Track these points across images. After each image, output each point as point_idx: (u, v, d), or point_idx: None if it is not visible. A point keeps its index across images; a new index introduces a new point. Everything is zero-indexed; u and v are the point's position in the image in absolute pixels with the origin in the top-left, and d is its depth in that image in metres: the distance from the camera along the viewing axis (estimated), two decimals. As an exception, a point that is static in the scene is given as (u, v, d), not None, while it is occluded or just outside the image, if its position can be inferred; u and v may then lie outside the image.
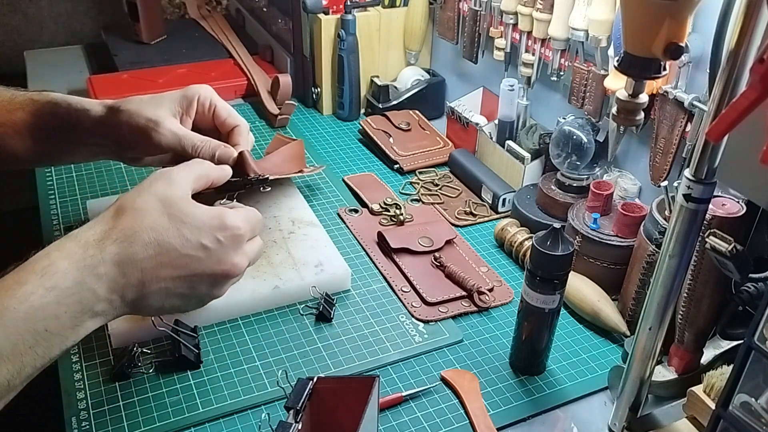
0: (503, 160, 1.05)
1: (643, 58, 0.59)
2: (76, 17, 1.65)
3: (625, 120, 0.65)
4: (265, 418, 0.67)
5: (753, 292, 0.63)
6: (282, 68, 1.33)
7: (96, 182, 1.04)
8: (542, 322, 0.72)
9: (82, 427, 0.66)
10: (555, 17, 0.94)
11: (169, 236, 0.61)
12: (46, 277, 0.55)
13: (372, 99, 1.28)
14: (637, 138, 0.93)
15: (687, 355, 0.72)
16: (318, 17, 1.22)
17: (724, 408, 0.54)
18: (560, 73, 0.99)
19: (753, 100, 0.44)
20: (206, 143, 0.77)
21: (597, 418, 0.71)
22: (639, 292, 0.78)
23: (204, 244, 0.62)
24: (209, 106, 0.82)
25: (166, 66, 1.35)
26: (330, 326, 0.80)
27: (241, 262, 0.66)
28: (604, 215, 0.86)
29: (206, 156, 0.77)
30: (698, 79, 0.80)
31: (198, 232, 0.62)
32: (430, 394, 0.72)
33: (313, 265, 0.85)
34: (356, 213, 1.01)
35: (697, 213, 0.56)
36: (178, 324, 0.74)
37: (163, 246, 0.60)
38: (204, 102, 0.82)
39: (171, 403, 0.69)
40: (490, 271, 0.90)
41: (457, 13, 1.18)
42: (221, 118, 0.82)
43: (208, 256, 0.63)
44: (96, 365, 0.73)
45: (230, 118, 0.83)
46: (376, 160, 1.16)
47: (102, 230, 0.59)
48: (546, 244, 0.68)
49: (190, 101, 0.81)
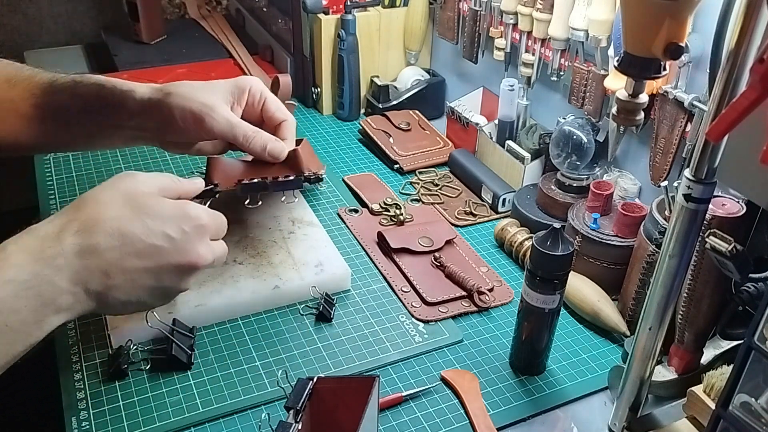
0: (503, 160, 1.05)
1: (643, 58, 0.59)
2: (76, 17, 1.66)
3: (625, 120, 0.64)
4: (265, 418, 0.67)
5: (753, 292, 0.63)
6: (282, 68, 1.33)
7: (96, 182, 1.02)
8: (542, 322, 0.72)
9: (82, 427, 0.66)
10: (555, 17, 0.94)
11: (132, 226, 0.60)
12: (1, 271, 0.54)
13: (372, 99, 1.28)
14: (637, 138, 0.93)
15: (687, 355, 0.72)
16: (318, 17, 1.22)
17: (724, 408, 0.54)
18: (560, 73, 0.99)
19: (753, 100, 0.44)
20: (258, 134, 0.78)
21: (597, 418, 0.71)
22: (639, 292, 0.78)
23: (168, 233, 0.61)
24: (260, 98, 0.82)
25: (166, 66, 1.35)
26: (330, 326, 0.80)
27: (206, 253, 0.64)
28: (604, 215, 0.86)
29: (257, 147, 0.77)
30: (698, 79, 0.80)
31: (161, 222, 0.61)
32: (430, 394, 0.72)
33: (313, 265, 0.85)
34: (356, 213, 1.01)
35: (697, 213, 0.56)
36: (176, 324, 0.74)
37: (126, 236, 0.59)
38: (255, 94, 0.82)
39: (171, 403, 0.69)
40: (490, 271, 0.90)
41: (457, 13, 1.18)
42: (270, 111, 0.83)
43: (173, 246, 0.62)
44: (96, 365, 0.73)
45: (279, 112, 0.83)
46: (376, 160, 1.16)
47: (61, 222, 0.58)
48: (546, 244, 0.68)
49: (242, 91, 0.81)
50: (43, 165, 1.07)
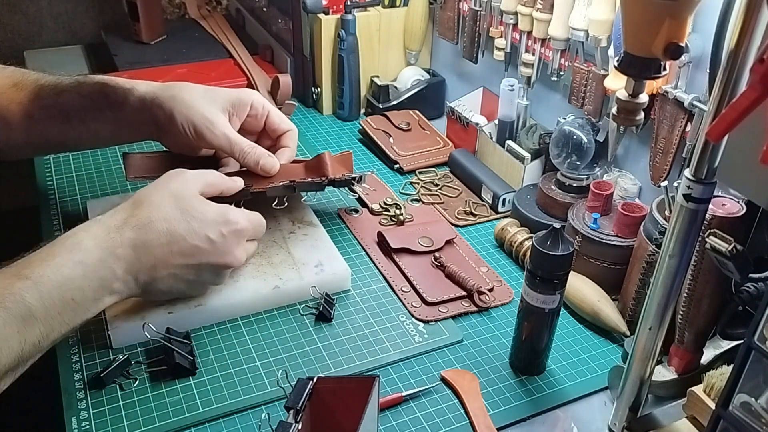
0: (503, 160, 1.05)
1: (643, 58, 0.59)
2: (76, 17, 1.65)
3: (625, 120, 0.64)
4: (265, 418, 0.67)
5: (753, 292, 0.63)
6: (282, 68, 1.33)
7: (96, 182, 1.04)
8: (542, 322, 0.72)
9: (82, 427, 0.66)
10: (555, 17, 0.94)
11: (180, 228, 0.68)
12: (74, 252, 0.62)
13: (372, 99, 1.28)
14: (637, 138, 0.93)
15: (687, 355, 0.72)
16: (318, 17, 1.22)
17: (724, 408, 0.54)
18: (560, 73, 0.99)
19: (753, 100, 0.44)
20: (253, 150, 0.83)
21: (597, 418, 0.71)
22: (639, 292, 0.78)
23: (209, 236, 0.70)
24: (262, 111, 0.88)
25: (166, 66, 1.35)
26: (330, 326, 0.80)
27: (241, 255, 0.74)
28: (604, 215, 0.86)
29: (251, 161, 0.82)
30: (698, 79, 0.80)
31: (205, 225, 0.70)
32: (430, 394, 0.72)
33: (313, 265, 0.85)
34: (356, 213, 1.01)
35: (697, 213, 0.56)
36: (170, 332, 0.73)
37: (174, 236, 0.68)
38: (257, 107, 0.87)
39: (171, 403, 0.69)
40: (490, 271, 0.90)
41: (457, 13, 1.18)
42: (275, 124, 0.89)
43: (212, 247, 0.70)
44: (96, 365, 0.72)
45: (283, 124, 0.90)
46: (376, 160, 1.16)
47: (122, 218, 0.67)
48: (546, 244, 0.68)
49: (244, 105, 0.86)
50: (43, 165, 1.07)
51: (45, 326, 0.59)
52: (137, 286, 0.68)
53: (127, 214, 0.67)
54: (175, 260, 0.69)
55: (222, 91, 0.85)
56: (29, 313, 0.58)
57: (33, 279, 0.59)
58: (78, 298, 0.62)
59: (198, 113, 0.80)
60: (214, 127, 0.81)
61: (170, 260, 0.68)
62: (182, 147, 0.85)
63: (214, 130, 0.81)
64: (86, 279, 0.62)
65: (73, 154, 1.10)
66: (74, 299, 0.61)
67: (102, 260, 0.64)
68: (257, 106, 0.87)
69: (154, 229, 0.67)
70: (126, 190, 1.00)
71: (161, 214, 0.68)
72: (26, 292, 0.58)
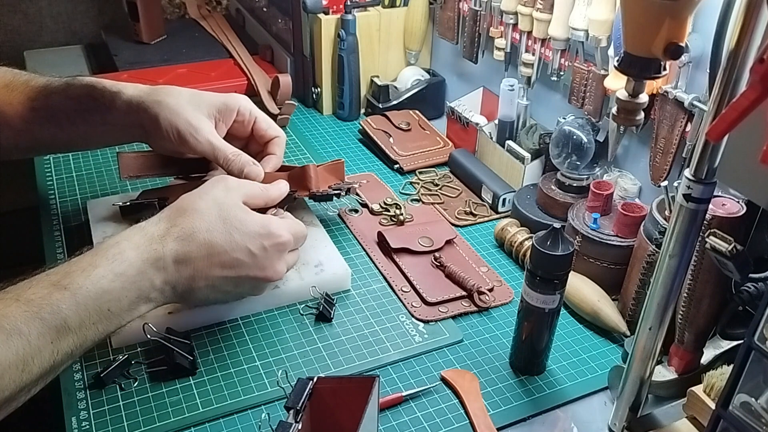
0: (503, 160, 1.05)
1: (643, 58, 0.59)
2: (76, 17, 1.65)
3: (625, 120, 0.64)
4: (265, 418, 0.67)
5: (753, 292, 0.63)
6: (282, 68, 1.33)
7: (96, 182, 1.04)
8: (542, 322, 0.72)
9: (82, 427, 0.66)
10: (555, 17, 0.94)
11: (221, 239, 0.67)
12: (116, 263, 0.62)
13: (372, 99, 1.28)
14: (637, 138, 0.93)
15: (687, 355, 0.72)
16: (318, 17, 1.22)
17: (724, 408, 0.54)
18: (560, 73, 0.99)
19: (753, 100, 0.44)
20: (237, 157, 0.81)
21: (597, 418, 0.71)
22: (639, 292, 0.78)
23: (251, 249, 0.69)
24: (249, 117, 0.86)
25: (166, 66, 1.35)
26: (330, 326, 0.80)
27: (282, 269, 0.73)
28: (604, 215, 0.86)
29: (235, 169, 0.81)
30: (698, 79, 0.80)
31: (247, 238, 0.68)
32: (430, 394, 0.72)
33: (313, 265, 0.85)
34: (356, 213, 1.01)
35: (697, 213, 0.56)
36: (170, 332, 0.73)
37: (214, 248, 0.67)
38: (244, 113, 0.86)
39: (171, 403, 0.69)
40: (490, 271, 0.90)
41: (457, 13, 1.18)
42: (262, 129, 0.87)
43: (253, 261, 0.69)
44: (96, 365, 0.72)
45: (270, 130, 0.88)
46: (376, 160, 1.16)
47: (165, 227, 0.67)
48: (546, 244, 0.68)
49: (230, 111, 0.85)
50: (43, 165, 1.07)
51: (79, 336, 0.59)
52: (174, 296, 0.67)
53: (170, 223, 0.67)
54: (215, 272, 0.68)
55: (208, 96, 0.84)
56: (64, 324, 0.58)
57: (71, 290, 0.59)
58: (114, 309, 0.62)
59: (182, 119, 0.80)
60: (197, 133, 0.80)
61: (210, 272, 0.67)
62: (168, 151, 0.85)
63: (197, 137, 0.80)
64: (125, 290, 0.62)
65: (73, 154, 1.10)
66: (110, 309, 0.61)
67: (142, 272, 0.63)
68: (244, 111, 0.86)
69: (196, 240, 0.66)
70: (126, 190, 1.00)
71: (204, 225, 0.67)
72: (63, 303, 0.58)
